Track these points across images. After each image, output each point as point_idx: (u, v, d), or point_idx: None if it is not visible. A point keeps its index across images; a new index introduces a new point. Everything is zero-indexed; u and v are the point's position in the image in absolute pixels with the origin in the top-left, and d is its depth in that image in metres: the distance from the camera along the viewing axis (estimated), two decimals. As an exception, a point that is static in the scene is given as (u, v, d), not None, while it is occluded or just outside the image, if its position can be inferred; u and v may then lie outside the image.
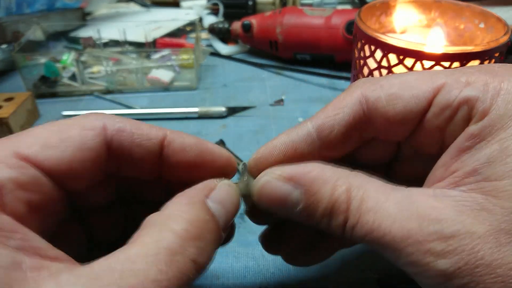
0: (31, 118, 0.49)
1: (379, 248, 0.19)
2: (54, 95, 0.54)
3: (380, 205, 0.18)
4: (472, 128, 0.19)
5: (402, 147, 0.24)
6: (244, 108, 0.51)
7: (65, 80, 0.55)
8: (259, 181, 0.21)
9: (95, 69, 0.57)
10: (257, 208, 0.22)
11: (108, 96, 0.54)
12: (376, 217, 0.18)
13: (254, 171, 0.23)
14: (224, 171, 0.23)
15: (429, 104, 0.20)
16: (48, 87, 0.54)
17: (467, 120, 0.19)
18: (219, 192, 0.20)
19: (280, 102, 0.53)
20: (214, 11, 0.77)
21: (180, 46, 0.66)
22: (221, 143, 0.43)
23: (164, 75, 0.56)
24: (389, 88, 0.21)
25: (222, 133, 0.47)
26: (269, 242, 0.27)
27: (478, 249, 0.16)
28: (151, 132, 0.21)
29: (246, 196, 0.22)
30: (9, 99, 0.47)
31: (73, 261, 0.17)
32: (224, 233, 0.20)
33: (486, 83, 0.19)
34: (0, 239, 0.15)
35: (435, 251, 0.17)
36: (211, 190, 0.20)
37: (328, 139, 0.22)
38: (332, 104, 0.22)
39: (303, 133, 0.22)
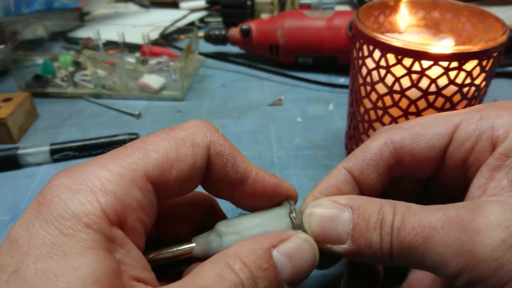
0: (30, 119, 0.49)
1: (421, 251, 0.19)
2: (45, 95, 0.54)
3: (426, 211, 0.20)
4: (499, 150, 0.21)
5: (431, 186, 0.26)
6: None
7: (57, 81, 0.54)
8: (308, 208, 0.23)
9: (88, 71, 0.56)
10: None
11: (99, 101, 0.53)
12: (422, 219, 0.19)
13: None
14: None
15: (450, 139, 0.23)
16: (39, 87, 0.54)
17: (488, 148, 0.21)
18: (290, 245, 0.20)
19: (278, 102, 0.53)
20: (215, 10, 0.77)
21: (162, 54, 0.61)
22: None
23: (154, 81, 0.54)
24: (412, 129, 0.24)
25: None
26: None
27: None
28: (239, 166, 0.22)
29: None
30: (7, 100, 0.47)
31: (156, 284, 0.19)
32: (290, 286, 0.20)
33: (499, 115, 0.22)
34: (110, 249, 0.17)
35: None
36: (281, 241, 0.20)
37: (361, 178, 0.24)
38: (360, 148, 0.25)
39: (341, 176, 0.24)
